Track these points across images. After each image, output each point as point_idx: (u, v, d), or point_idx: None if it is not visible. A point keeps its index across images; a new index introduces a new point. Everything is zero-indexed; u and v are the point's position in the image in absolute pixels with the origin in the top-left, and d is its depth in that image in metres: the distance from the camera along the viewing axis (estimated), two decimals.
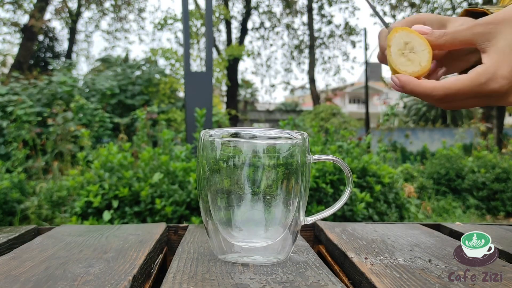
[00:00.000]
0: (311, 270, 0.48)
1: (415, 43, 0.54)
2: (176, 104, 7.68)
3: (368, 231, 0.70)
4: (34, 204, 3.35)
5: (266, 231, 0.50)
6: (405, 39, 0.55)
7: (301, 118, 8.85)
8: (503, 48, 0.48)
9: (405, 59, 0.54)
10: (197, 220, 2.43)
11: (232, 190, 0.48)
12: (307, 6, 15.97)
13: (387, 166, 3.16)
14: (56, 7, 13.80)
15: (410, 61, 0.54)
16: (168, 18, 11.81)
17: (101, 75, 7.88)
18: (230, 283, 0.43)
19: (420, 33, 0.54)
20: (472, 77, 0.49)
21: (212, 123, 4.10)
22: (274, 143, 0.49)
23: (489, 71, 0.48)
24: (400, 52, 0.55)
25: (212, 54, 4.46)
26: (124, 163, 2.71)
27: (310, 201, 2.69)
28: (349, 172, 0.54)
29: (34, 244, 0.60)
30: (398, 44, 0.55)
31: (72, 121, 5.20)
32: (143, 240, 0.62)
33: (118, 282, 0.43)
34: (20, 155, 4.51)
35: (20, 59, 11.81)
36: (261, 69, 21.78)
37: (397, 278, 0.45)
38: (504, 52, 0.48)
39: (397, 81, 0.54)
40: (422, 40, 0.54)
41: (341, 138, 3.62)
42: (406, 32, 0.55)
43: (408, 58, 0.54)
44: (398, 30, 0.55)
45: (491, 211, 4.59)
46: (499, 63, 0.48)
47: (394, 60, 0.55)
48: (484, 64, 0.49)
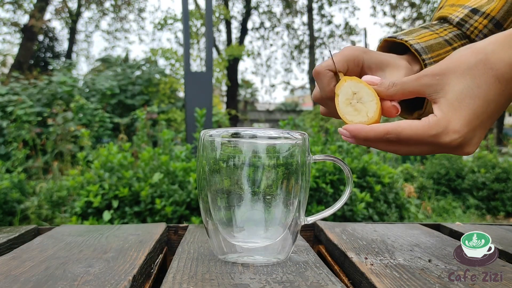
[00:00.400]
0: (311, 270, 0.48)
1: (363, 93, 0.53)
2: (176, 104, 7.68)
3: (368, 231, 0.70)
4: (34, 204, 3.35)
5: (266, 231, 0.50)
6: (353, 89, 0.54)
7: (301, 118, 8.85)
8: (452, 101, 0.48)
9: (352, 109, 0.54)
10: (197, 220, 2.43)
11: (232, 190, 0.48)
12: (307, 6, 15.97)
13: (387, 166, 3.16)
14: (56, 7, 13.80)
15: (357, 111, 0.53)
16: (168, 18, 11.81)
17: (101, 75, 7.88)
18: (230, 283, 0.43)
19: (369, 83, 0.54)
20: (424, 127, 0.49)
21: (212, 123, 4.10)
22: (274, 143, 0.49)
23: (440, 125, 0.48)
24: (348, 101, 0.54)
25: (212, 54, 4.46)
26: (124, 163, 2.71)
27: (310, 201, 2.69)
28: (349, 172, 0.54)
29: (34, 244, 0.60)
30: (346, 93, 0.54)
31: (72, 121, 5.20)
32: (143, 240, 0.62)
33: (118, 282, 0.43)
34: (20, 155, 4.51)
35: (20, 59, 11.82)
36: (261, 69, 21.79)
37: (397, 278, 0.45)
38: (454, 106, 0.48)
39: (346, 133, 0.53)
40: (371, 90, 0.53)
41: (341, 138, 3.61)
42: (355, 82, 0.54)
43: (355, 108, 0.53)
44: (347, 80, 0.54)
45: (491, 211, 4.58)
46: (450, 116, 0.48)
47: (341, 109, 0.54)
48: (435, 116, 0.49)
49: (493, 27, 0.64)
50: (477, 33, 0.64)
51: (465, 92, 0.48)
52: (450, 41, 0.65)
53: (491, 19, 0.64)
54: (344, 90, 0.54)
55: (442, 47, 0.64)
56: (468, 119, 0.48)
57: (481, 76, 0.47)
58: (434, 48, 0.63)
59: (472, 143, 0.50)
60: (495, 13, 0.63)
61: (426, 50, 0.63)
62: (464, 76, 0.48)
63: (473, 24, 0.64)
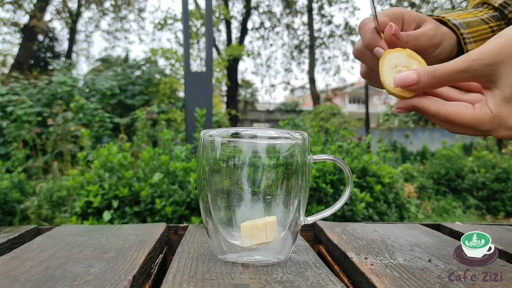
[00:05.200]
0: (311, 270, 0.48)
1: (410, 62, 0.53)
2: (176, 104, 7.67)
3: (368, 231, 0.70)
4: (34, 204, 3.35)
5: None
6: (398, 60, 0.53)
7: (301, 118, 8.85)
8: (509, 96, 0.45)
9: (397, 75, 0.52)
10: (197, 220, 2.43)
11: (232, 190, 0.48)
12: (307, 6, 15.97)
13: (387, 166, 3.16)
14: (56, 7, 13.80)
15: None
16: (168, 18, 11.81)
17: (101, 75, 7.88)
18: (230, 283, 0.43)
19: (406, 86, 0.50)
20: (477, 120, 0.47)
21: (212, 123, 4.10)
22: (274, 143, 0.49)
23: (495, 122, 0.46)
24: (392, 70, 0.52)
25: (212, 54, 4.46)
26: (124, 163, 2.71)
27: (310, 201, 2.68)
28: (349, 172, 0.54)
29: (34, 244, 0.60)
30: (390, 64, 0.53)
31: (72, 121, 5.20)
32: (143, 240, 0.62)
33: (118, 282, 0.43)
34: (20, 155, 4.51)
35: (20, 59, 11.81)
36: (261, 69, 21.77)
37: (397, 278, 0.45)
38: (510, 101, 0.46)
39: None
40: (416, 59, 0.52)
41: (341, 138, 3.62)
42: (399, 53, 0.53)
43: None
44: (390, 52, 0.53)
45: (491, 211, 4.59)
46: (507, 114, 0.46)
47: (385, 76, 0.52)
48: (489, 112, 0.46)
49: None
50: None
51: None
52: (486, 21, 0.65)
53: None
54: (388, 61, 0.53)
55: (480, 24, 0.64)
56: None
57: None
58: (472, 25, 0.63)
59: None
60: None
61: (464, 25, 0.63)
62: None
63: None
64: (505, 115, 0.46)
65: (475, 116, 0.47)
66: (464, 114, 0.47)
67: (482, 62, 0.45)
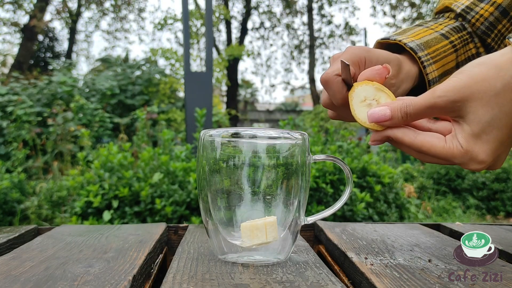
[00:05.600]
0: (311, 270, 0.48)
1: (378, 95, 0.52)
2: (176, 104, 7.67)
3: (368, 231, 0.70)
4: (34, 204, 3.35)
5: None
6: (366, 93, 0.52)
7: (301, 118, 8.84)
8: (479, 133, 0.46)
9: (367, 109, 0.52)
10: (197, 220, 2.43)
11: (232, 190, 0.48)
12: (307, 6, 15.96)
13: (387, 166, 3.16)
14: (56, 7, 13.80)
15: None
16: (168, 18, 11.80)
17: (101, 75, 7.87)
18: (230, 283, 0.43)
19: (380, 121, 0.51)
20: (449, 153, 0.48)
21: (212, 123, 4.10)
22: (274, 143, 0.49)
23: (466, 156, 0.47)
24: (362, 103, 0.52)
25: (212, 54, 4.46)
26: (124, 163, 2.71)
27: (310, 201, 2.68)
28: (349, 172, 0.54)
29: (34, 244, 0.60)
30: (359, 97, 0.53)
31: (72, 121, 5.20)
32: (143, 240, 0.62)
33: (118, 282, 0.43)
34: (20, 155, 4.51)
35: (20, 59, 11.81)
36: (261, 69, 21.76)
37: (397, 278, 0.45)
38: (481, 139, 0.46)
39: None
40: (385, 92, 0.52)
41: (341, 138, 3.62)
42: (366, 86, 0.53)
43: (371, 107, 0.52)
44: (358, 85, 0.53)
45: (491, 211, 4.59)
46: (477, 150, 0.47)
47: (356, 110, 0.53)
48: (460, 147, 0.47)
49: (499, 15, 0.64)
50: (482, 20, 0.64)
51: (493, 124, 0.45)
52: (446, 35, 0.64)
53: (498, 7, 0.64)
54: (357, 94, 0.53)
55: (439, 41, 0.63)
56: (495, 149, 0.47)
57: (509, 103, 0.45)
58: (430, 44, 0.62)
59: (499, 163, 0.50)
60: (501, 0, 0.64)
61: (422, 47, 0.62)
62: (491, 105, 0.45)
63: (478, 12, 0.64)
64: (475, 150, 0.47)
65: (447, 149, 0.48)
66: (437, 146, 0.48)
67: (447, 99, 0.46)
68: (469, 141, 0.47)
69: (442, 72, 0.63)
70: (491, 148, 0.47)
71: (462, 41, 0.66)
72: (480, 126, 0.46)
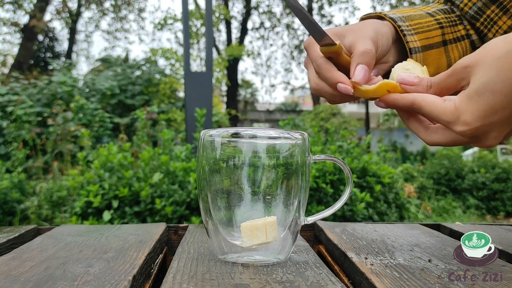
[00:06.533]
0: (311, 270, 0.48)
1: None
2: (176, 104, 7.67)
3: (368, 231, 0.70)
4: (34, 204, 3.35)
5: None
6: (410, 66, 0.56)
7: (301, 118, 8.85)
8: (471, 93, 0.47)
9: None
10: (197, 220, 2.43)
11: (232, 190, 0.48)
12: (307, 6, 15.96)
13: (387, 166, 3.16)
14: (56, 7, 13.80)
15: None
16: (168, 18, 11.80)
17: (101, 75, 7.87)
18: (230, 283, 0.43)
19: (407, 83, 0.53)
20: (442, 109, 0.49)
21: (212, 123, 4.10)
22: (274, 143, 0.49)
23: (454, 114, 0.48)
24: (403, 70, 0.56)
25: (212, 54, 4.46)
26: (124, 163, 2.71)
27: (310, 201, 2.68)
28: (349, 172, 0.54)
29: (34, 244, 0.60)
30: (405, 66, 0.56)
31: (72, 121, 5.20)
32: (143, 240, 0.62)
33: (118, 282, 0.43)
34: (20, 155, 4.51)
35: (20, 59, 11.81)
36: (261, 69, 21.76)
37: (397, 278, 0.45)
38: (472, 98, 0.47)
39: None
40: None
41: (341, 138, 3.62)
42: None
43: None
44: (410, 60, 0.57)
45: (491, 211, 4.59)
46: (464, 109, 0.47)
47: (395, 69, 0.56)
48: (453, 104, 0.48)
49: (487, 1, 0.65)
50: (470, 5, 0.65)
51: (487, 86, 0.46)
52: (432, 14, 0.65)
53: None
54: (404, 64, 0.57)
55: (423, 17, 0.64)
56: (484, 113, 0.46)
57: (508, 70, 0.45)
58: (413, 18, 0.63)
59: (489, 137, 0.49)
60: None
61: (403, 19, 0.63)
62: (490, 67, 0.46)
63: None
64: (463, 108, 0.47)
65: (442, 106, 0.49)
66: (434, 102, 0.50)
67: (461, 65, 0.49)
68: (462, 100, 0.48)
69: (426, 44, 0.63)
70: (478, 109, 0.46)
71: (449, 21, 0.66)
72: (475, 87, 0.47)
